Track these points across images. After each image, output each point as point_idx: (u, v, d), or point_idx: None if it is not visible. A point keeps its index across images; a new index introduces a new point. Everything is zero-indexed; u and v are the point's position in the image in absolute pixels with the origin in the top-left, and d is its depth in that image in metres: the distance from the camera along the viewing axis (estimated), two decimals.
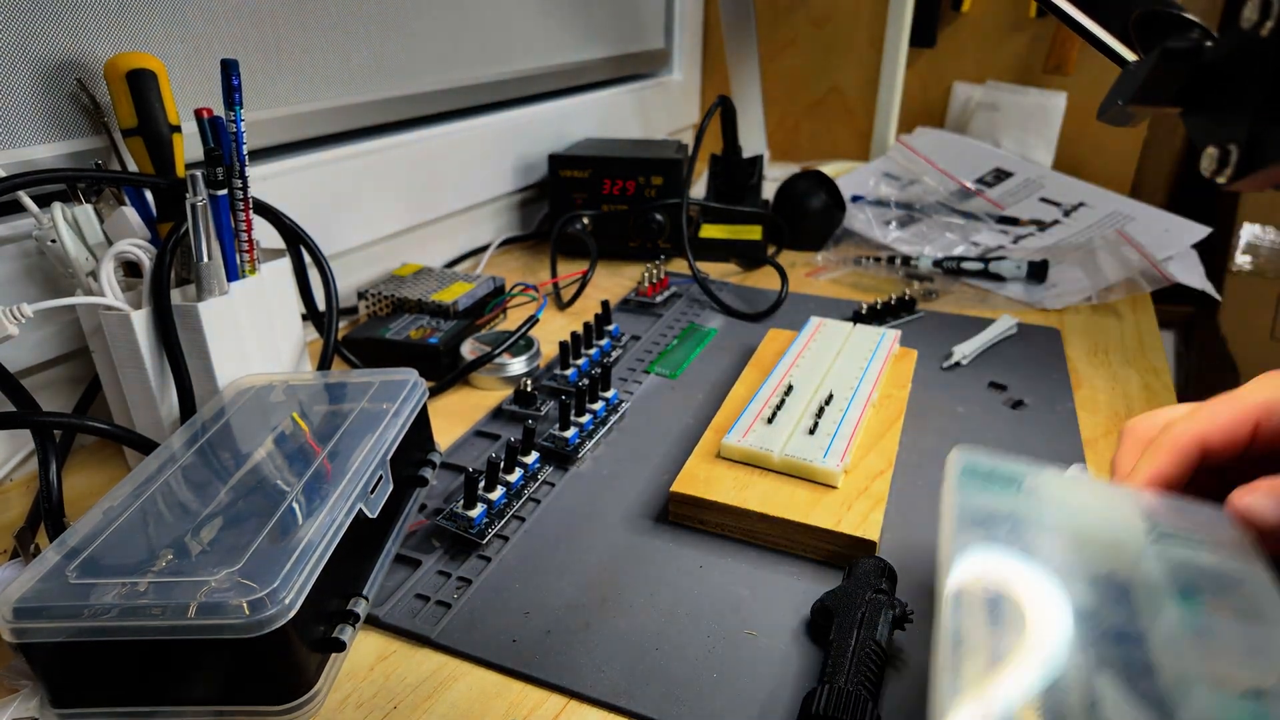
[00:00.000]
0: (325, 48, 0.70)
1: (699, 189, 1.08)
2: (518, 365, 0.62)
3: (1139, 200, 0.93)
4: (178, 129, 0.51)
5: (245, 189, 0.50)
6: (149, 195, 0.51)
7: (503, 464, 0.47)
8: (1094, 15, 0.50)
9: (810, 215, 0.92)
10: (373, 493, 0.40)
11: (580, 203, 0.88)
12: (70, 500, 0.45)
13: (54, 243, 0.47)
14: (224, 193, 0.49)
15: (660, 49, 1.25)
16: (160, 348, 0.48)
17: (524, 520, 0.46)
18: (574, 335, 0.62)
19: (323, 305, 0.60)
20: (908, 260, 0.84)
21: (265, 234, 0.56)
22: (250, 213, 0.51)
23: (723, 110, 0.88)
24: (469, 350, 0.63)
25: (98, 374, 0.52)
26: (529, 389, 0.57)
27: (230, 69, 0.48)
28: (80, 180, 0.48)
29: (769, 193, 0.99)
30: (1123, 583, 0.26)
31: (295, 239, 0.59)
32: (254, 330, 0.52)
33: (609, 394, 0.56)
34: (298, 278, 0.60)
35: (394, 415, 0.44)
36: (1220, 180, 0.36)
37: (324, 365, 0.58)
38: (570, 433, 0.52)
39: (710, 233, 0.89)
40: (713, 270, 0.86)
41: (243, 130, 0.49)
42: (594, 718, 0.34)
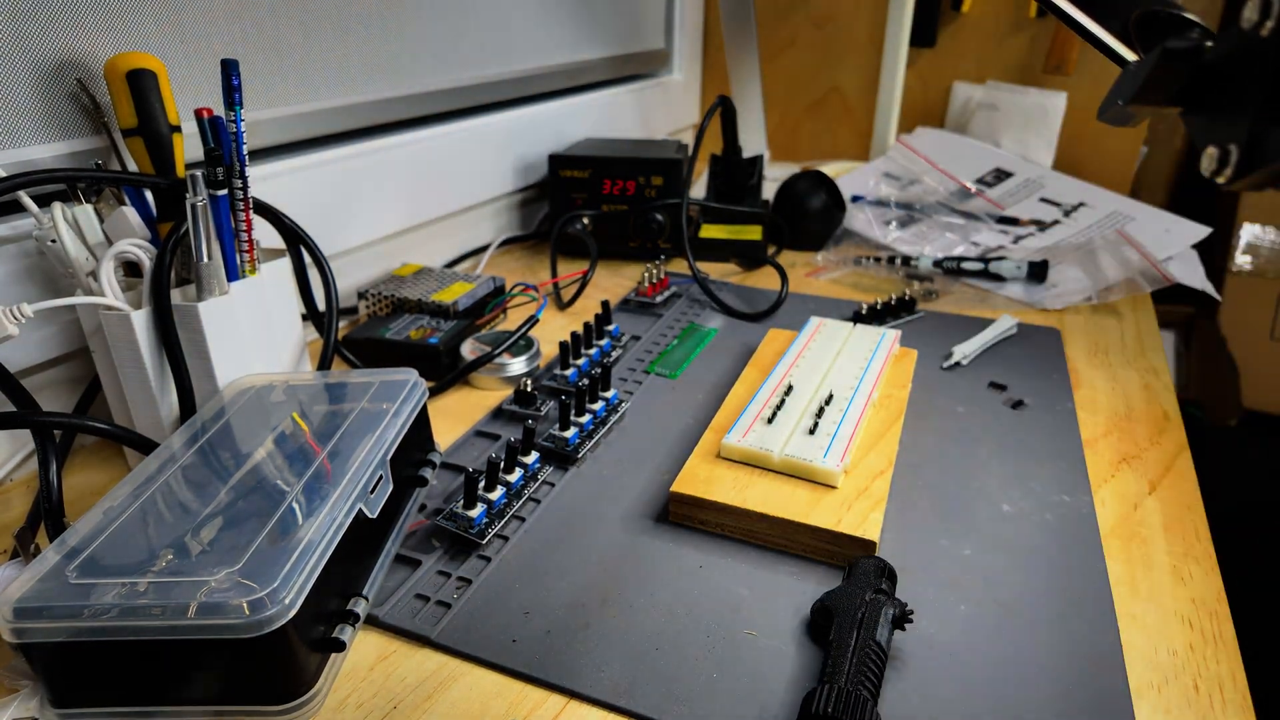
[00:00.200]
0: (325, 48, 0.70)
1: (699, 189, 1.08)
2: (518, 365, 0.62)
3: (1139, 200, 0.93)
4: (178, 129, 0.51)
5: (245, 189, 0.50)
6: (149, 195, 0.51)
7: (503, 464, 0.47)
8: (1094, 15, 0.50)
9: (810, 215, 0.92)
10: (373, 493, 0.40)
11: (580, 203, 0.88)
12: (70, 500, 0.45)
13: (54, 243, 0.47)
14: (224, 193, 0.49)
15: (660, 49, 1.25)
16: (160, 348, 0.48)
17: (524, 520, 0.46)
18: (574, 335, 0.62)
19: (323, 305, 0.60)
20: (908, 260, 0.84)
21: (265, 234, 0.56)
22: (250, 213, 0.51)
23: (723, 110, 0.88)
24: (469, 350, 0.63)
25: (98, 374, 0.52)
26: (529, 389, 0.57)
27: (230, 69, 0.48)
28: (80, 180, 0.48)
29: (769, 193, 0.99)
30: None
31: (295, 239, 0.59)
32: (254, 330, 0.52)
33: (609, 394, 0.56)
34: (298, 278, 0.60)
35: (394, 415, 0.44)
36: (1220, 180, 0.36)
37: (324, 365, 0.58)
38: (570, 433, 0.52)
39: (710, 233, 0.89)
40: (713, 270, 0.86)
41: (243, 130, 0.49)
42: (594, 718, 0.34)
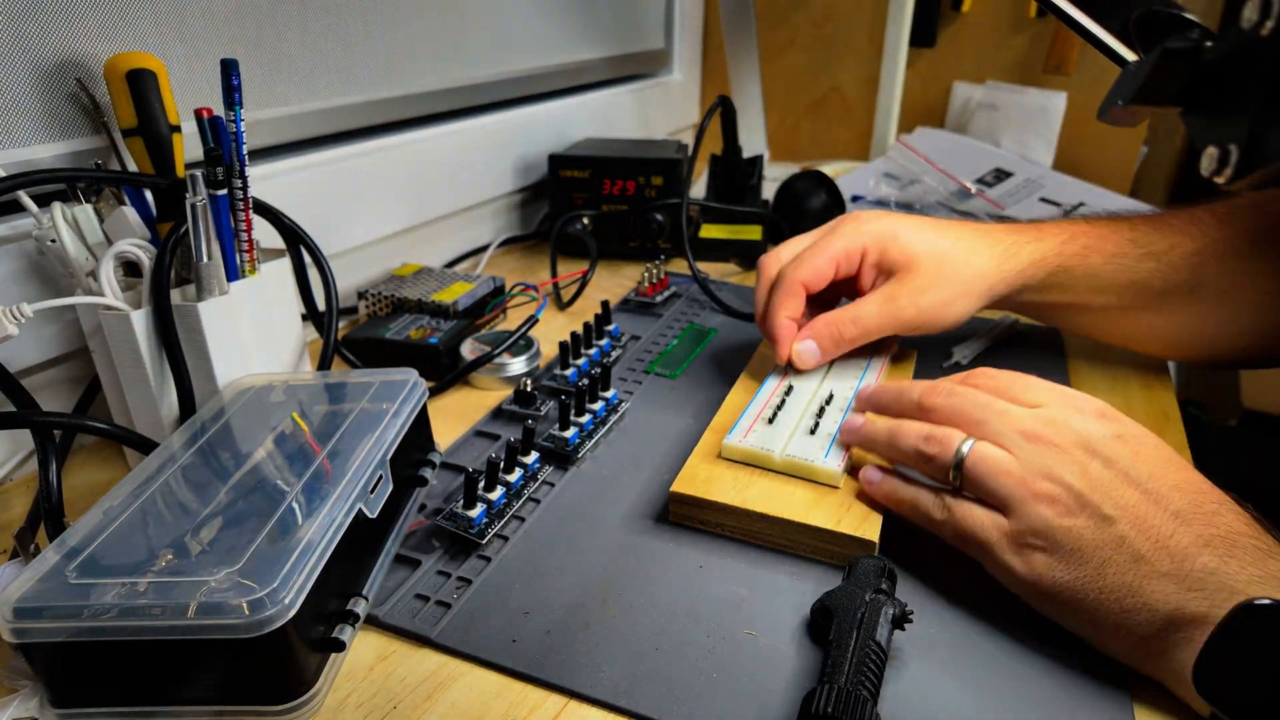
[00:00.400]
0: (325, 48, 0.70)
1: (699, 189, 1.08)
2: (518, 365, 0.62)
3: (1139, 200, 0.93)
4: (178, 129, 0.51)
5: (245, 189, 0.50)
6: (149, 195, 0.51)
7: (503, 464, 0.47)
8: (1094, 15, 0.50)
9: (810, 215, 0.92)
10: (373, 493, 0.40)
11: (580, 203, 0.88)
12: (70, 500, 0.45)
13: (54, 243, 0.47)
14: (224, 193, 0.49)
15: (660, 49, 1.25)
16: (160, 348, 0.48)
17: (524, 520, 0.46)
18: (574, 335, 0.62)
19: (323, 305, 0.60)
20: None
21: (265, 234, 0.56)
22: (250, 213, 0.51)
23: (723, 110, 0.88)
24: (469, 350, 0.63)
25: (98, 374, 0.52)
26: (529, 389, 0.57)
27: (230, 69, 0.48)
28: (80, 180, 0.48)
29: (769, 193, 0.98)
30: None
31: (295, 239, 0.59)
32: (254, 330, 0.52)
33: (609, 394, 0.56)
34: (298, 278, 0.60)
35: (394, 415, 0.44)
36: (1220, 180, 0.36)
37: (324, 365, 0.58)
38: (570, 433, 0.52)
39: (710, 233, 0.89)
40: (713, 270, 0.86)
41: (243, 130, 0.49)
42: (594, 718, 0.34)
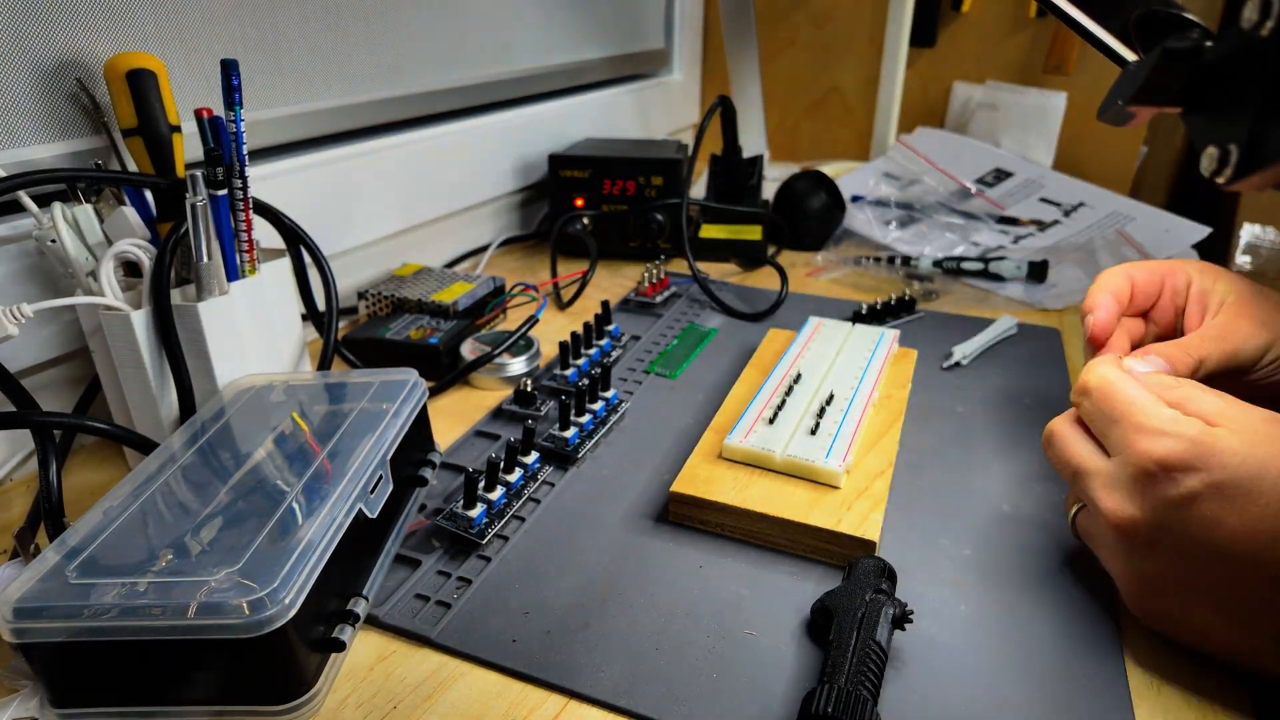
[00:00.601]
0: (325, 48, 0.70)
1: (699, 189, 1.08)
2: (518, 365, 0.62)
3: (1139, 200, 0.93)
4: (178, 129, 0.51)
5: (245, 189, 0.50)
6: (149, 195, 0.51)
7: (503, 464, 0.47)
8: (1094, 15, 0.50)
9: (810, 215, 0.92)
10: (373, 493, 0.40)
11: (580, 203, 0.88)
12: (70, 500, 0.45)
13: (54, 243, 0.47)
14: (224, 193, 0.49)
15: (660, 49, 1.25)
16: (160, 348, 0.48)
17: (524, 520, 0.46)
18: (574, 335, 0.62)
19: (323, 305, 0.60)
20: (908, 260, 0.84)
21: (265, 234, 0.56)
22: (250, 213, 0.51)
23: (723, 110, 0.88)
24: (469, 350, 0.63)
25: (98, 374, 0.52)
26: (529, 389, 0.57)
27: (230, 69, 0.48)
28: (80, 180, 0.48)
29: (769, 193, 0.99)
30: None
31: (295, 239, 0.59)
32: (254, 330, 0.52)
33: (609, 394, 0.56)
34: (298, 278, 0.60)
35: (394, 415, 0.44)
36: (1220, 180, 0.36)
37: (324, 365, 0.58)
38: (570, 433, 0.52)
39: (710, 233, 0.89)
40: (713, 270, 0.86)
41: (243, 130, 0.49)
42: (594, 718, 0.34)
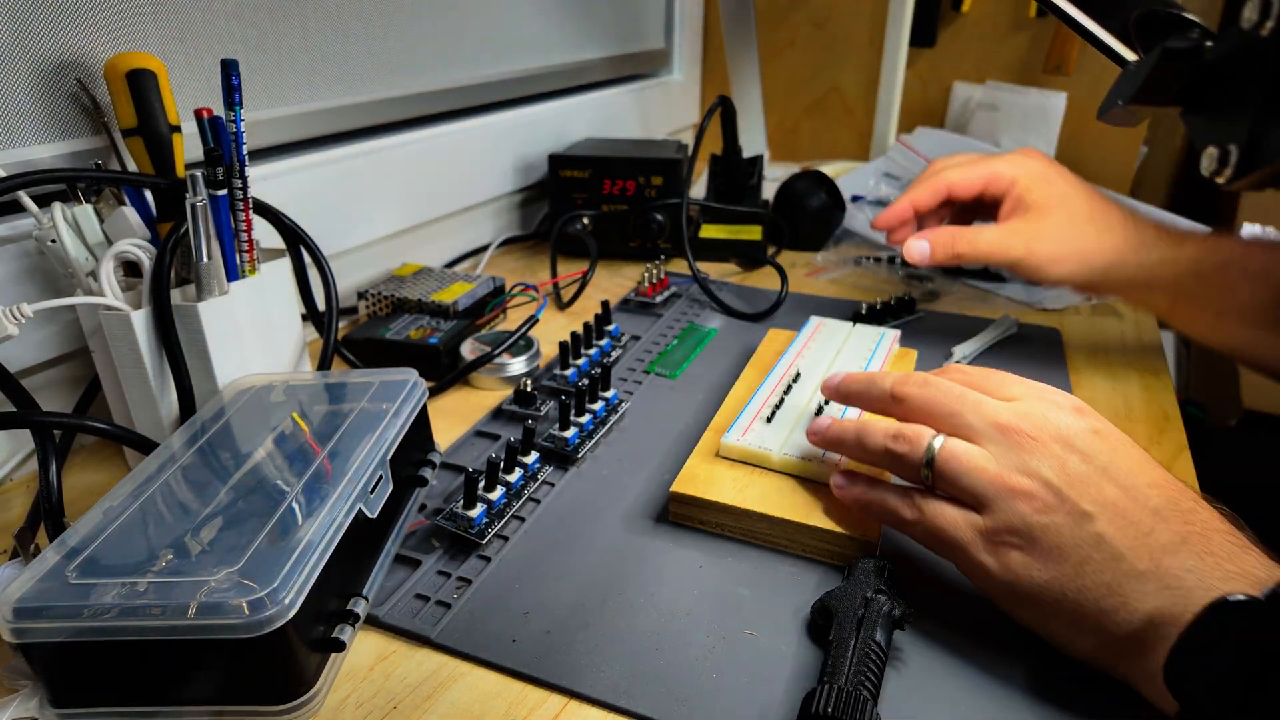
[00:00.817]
0: (325, 47, 0.70)
1: (699, 189, 1.08)
2: (518, 365, 0.62)
3: (1139, 200, 0.93)
4: (178, 129, 0.51)
5: (245, 189, 0.50)
6: (149, 195, 0.51)
7: (503, 464, 0.47)
8: (1094, 15, 0.50)
9: (810, 215, 0.92)
10: (373, 493, 0.40)
11: (580, 203, 0.88)
12: (70, 500, 0.45)
13: (54, 243, 0.47)
14: (224, 193, 0.49)
15: (660, 49, 1.25)
16: (160, 348, 0.48)
17: (524, 520, 0.46)
18: (574, 335, 0.62)
19: (323, 305, 0.60)
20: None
21: (265, 234, 0.56)
22: (250, 213, 0.51)
23: (723, 110, 0.88)
24: (469, 350, 0.63)
25: (98, 374, 0.52)
26: (529, 389, 0.57)
27: (230, 69, 0.48)
28: (80, 180, 0.48)
29: (769, 193, 0.98)
30: None
31: (295, 239, 0.59)
32: (254, 330, 0.52)
33: (609, 394, 0.56)
34: (298, 278, 0.60)
35: (394, 415, 0.44)
36: (1220, 180, 0.36)
37: (324, 365, 0.58)
38: (570, 433, 0.52)
39: (710, 233, 0.89)
40: (713, 270, 0.86)
41: (243, 130, 0.49)
42: (594, 718, 0.34)
